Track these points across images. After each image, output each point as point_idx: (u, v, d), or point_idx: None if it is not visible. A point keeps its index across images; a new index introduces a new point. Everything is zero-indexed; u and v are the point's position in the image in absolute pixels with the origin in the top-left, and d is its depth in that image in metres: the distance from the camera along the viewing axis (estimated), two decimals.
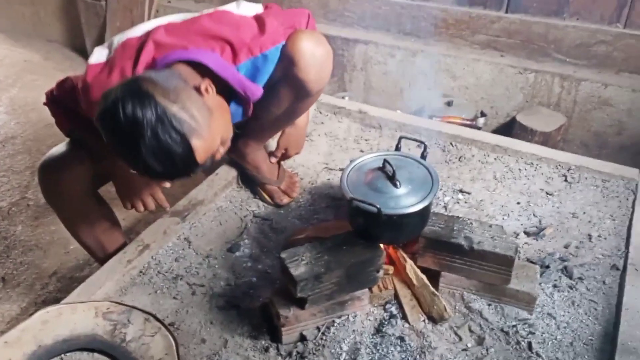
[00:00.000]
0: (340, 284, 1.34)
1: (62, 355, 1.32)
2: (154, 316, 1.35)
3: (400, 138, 1.53)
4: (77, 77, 1.47)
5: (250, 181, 1.89)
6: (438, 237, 1.40)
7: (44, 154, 1.58)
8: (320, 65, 1.47)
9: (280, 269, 1.36)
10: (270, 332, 1.38)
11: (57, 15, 3.98)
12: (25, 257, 2.16)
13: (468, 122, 2.52)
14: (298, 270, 1.30)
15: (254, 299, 1.48)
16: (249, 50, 1.41)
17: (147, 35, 1.40)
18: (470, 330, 1.38)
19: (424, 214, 1.37)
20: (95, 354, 1.33)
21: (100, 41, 3.58)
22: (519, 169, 1.96)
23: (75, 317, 1.36)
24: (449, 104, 2.64)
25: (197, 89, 1.27)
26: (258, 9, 1.53)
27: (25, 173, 2.61)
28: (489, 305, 1.43)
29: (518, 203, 1.81)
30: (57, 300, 1.94)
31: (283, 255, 1.35)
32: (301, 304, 1.33)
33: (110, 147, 1.22)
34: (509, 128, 2.60)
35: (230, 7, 1.52)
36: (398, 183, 1.34)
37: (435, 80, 2.79)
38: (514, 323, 1.39)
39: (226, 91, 1.39)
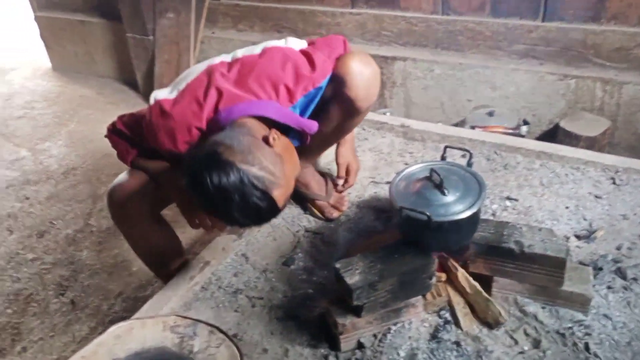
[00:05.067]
0: (394, 291, 1.39)
1: None
2: (218, 328, 1.41)
3: (446, 147, 1.58)
4: (142, 113, 1.57)
5: (300, 198, 1.97)
6: (488, 243, 1.43)
7: (104, 183, 1.68)
8: (368, 83, 1.55)
9: (335, 278, 1.42)
10: (329, 340, 1.43)
11: (109, 52, 4.20)
12: (91, 280, 2.27)
13: (511, 131, 2.54)
14: (353, 279, 1.35)
15: (311, 310, 1.54)
16: (304, 89, 1.49)
17: (209, 79, 1.47)
18: (526, 334, 1.39)
19: (474, 220, 1.40)
20: None
21: (149, 73, 3.77)
22: (566, 174, 1.97)
23: (145, 331, 1.44)
24: (490, 114, 2.66)
25: (266, 141, 1.35)
26: (303, 44, 1.60)
27: (87, 201, 2.73)
28: (543, 308, 1.44)
29: (567, 207, 1.82)
30: (123, 319, 2.05)
31: (337, 265, 1.40)
32: (357, 312, 1.38)
33: (203, 207, 1.33)
34: (553, 135, 2.60)
35: (278, 43, 1.58)
36: (446, 191, 1.39)
37: (475, 92, 2.81)
38: (569, 325, 1.40)
39: (286, 126, 1.46)
